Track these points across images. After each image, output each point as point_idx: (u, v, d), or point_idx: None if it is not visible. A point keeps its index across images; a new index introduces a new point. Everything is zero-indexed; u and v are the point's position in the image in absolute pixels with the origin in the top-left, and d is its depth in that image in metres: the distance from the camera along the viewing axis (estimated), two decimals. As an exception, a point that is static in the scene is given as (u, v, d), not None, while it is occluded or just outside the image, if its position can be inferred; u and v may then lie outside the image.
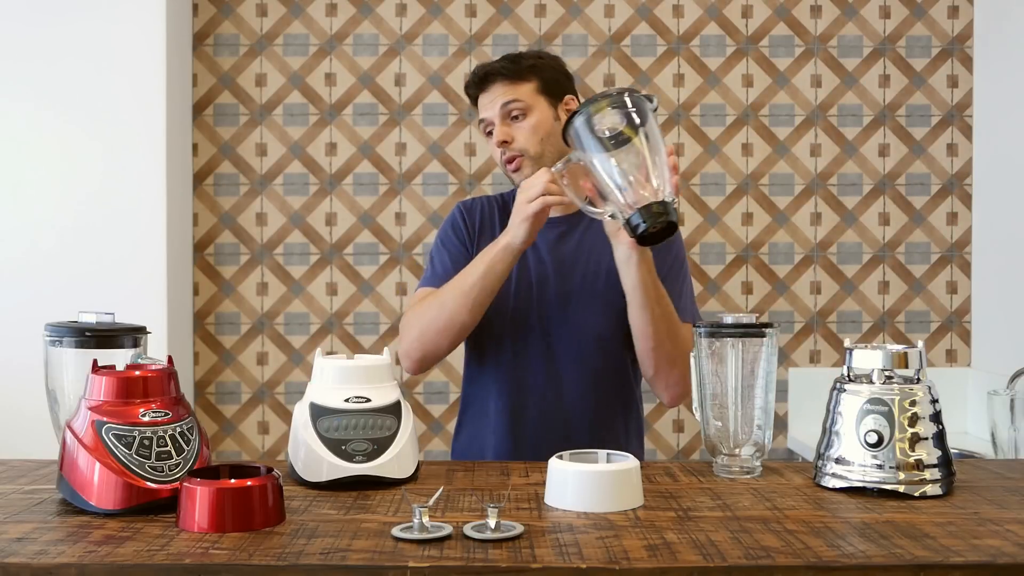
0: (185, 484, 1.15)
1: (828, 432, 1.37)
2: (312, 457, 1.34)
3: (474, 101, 1.86)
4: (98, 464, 1.19)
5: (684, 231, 2.90)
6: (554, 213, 1.79)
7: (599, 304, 1.79)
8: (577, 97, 1.85)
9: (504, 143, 1.77)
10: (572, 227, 1.84)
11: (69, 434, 1.23)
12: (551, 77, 1.81)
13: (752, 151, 2.92)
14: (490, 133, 1.81)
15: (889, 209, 2.94)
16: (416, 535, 1.09)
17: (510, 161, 1.78)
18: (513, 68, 1.78)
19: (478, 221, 1.87)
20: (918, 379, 1.34)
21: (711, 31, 2.92)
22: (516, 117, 1.77)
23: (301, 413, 1.39)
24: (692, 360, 1.47)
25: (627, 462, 1.28)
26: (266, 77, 2.89)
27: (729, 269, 2.92)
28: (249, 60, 2.89)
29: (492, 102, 1.78)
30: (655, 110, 1.50)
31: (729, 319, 1.44)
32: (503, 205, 1.88)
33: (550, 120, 1.79)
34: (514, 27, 2.90)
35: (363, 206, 2.89)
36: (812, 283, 2.93)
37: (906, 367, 1.34)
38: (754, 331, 1.42)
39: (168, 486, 1.20)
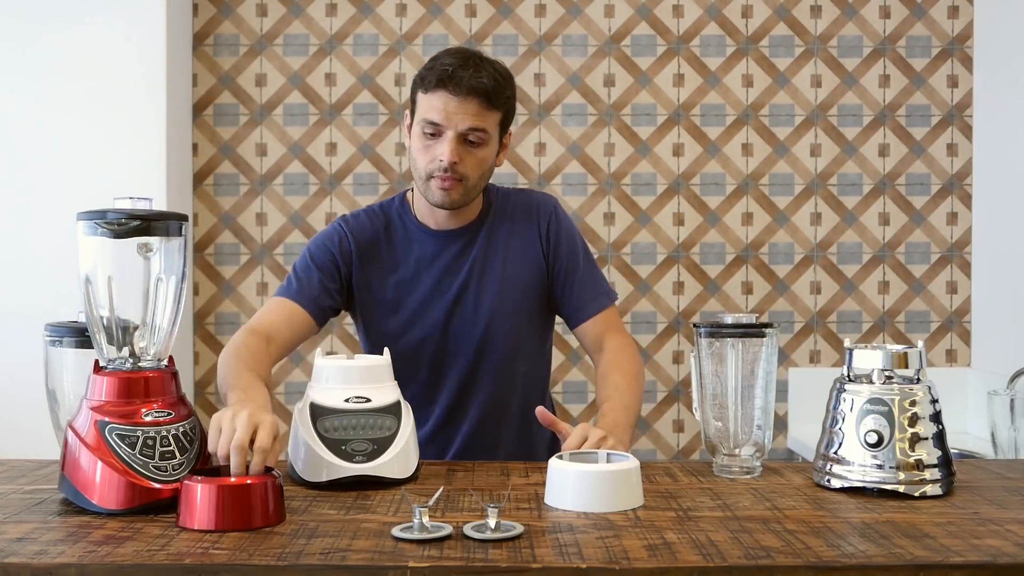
0: (185, 482, 1.15)
1: (828, 432, 1.37)
2: (312, 457, 1.35)
3: (424, 88, 1.66)
4: (101, 464, 1.19)
5: (684, 231, 2.90)
6: (453, 225, 1.77)
7: (516, 317, 1.79)
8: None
9: (455, 164, 1.64)
10: (473, 236, 1.79)
11: (71, 434, 1.23)
12: (512, 111, 1.74)
13: (752, 151, 2.92)
14: (430, 135, 1.66)
15: (889, 209, 2.94)
16: (416, 535, 1.09)
17: (447, 179, 1.66)
18: (495, 93, 1.65)
19: (366, 242, 1.78)
20: (918, 379, 1.34)
21: (711, 31, 2.92)
22: (473, 143, 1.66)
23: (301, 413, 1.39)
24: (692, 360, 1.47)
25: (627, 462, 1.28)
26: (266, 77, 2.89)
27: (729, 269, 2.92)
28: (249, 60, 2.89)
29: (459, 118, 1.63)
30: None
31: (729, 319, 1.44)
32: (387, 223, 1.80)
33: (494, 154, 1.72)
34: (514, 27, 2.90)
35: (363, 206, 2.89)
36: (812, 283, 2.93)
37: (906, 367, 1.35)
38: (754, 331, 1.42)
39: (171, 486, 1.20)
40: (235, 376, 1.50)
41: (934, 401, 1.33)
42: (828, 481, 1.35)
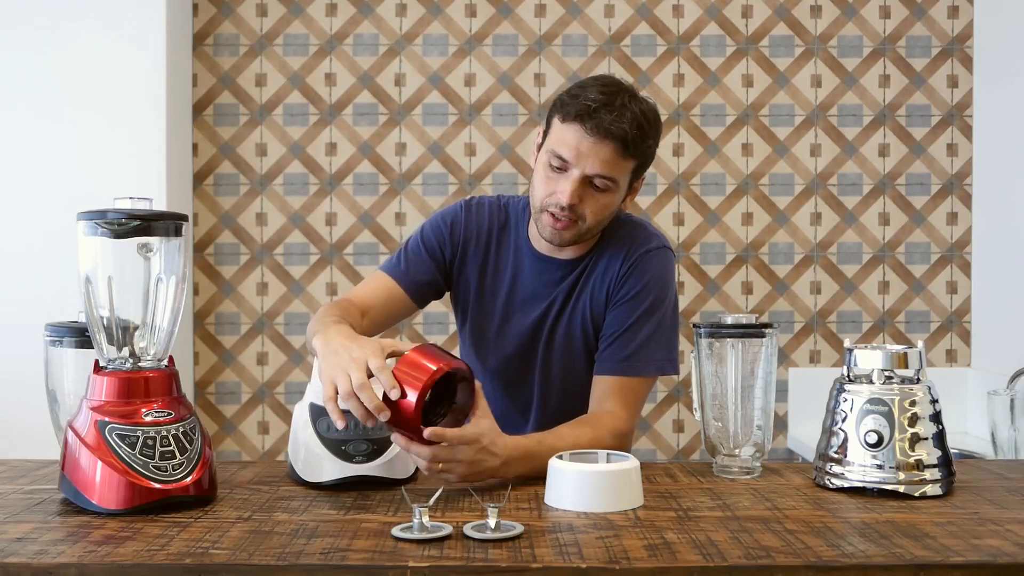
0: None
1: (828, 432, 1.37)
2: (312, 457, 1.35)
3: (562, 115, 1.56)
4: (101, 464, 1.19)
5: (684, 231, 2.90)
6: (557, 255, 1.70)
7: (577, 353, 1.72)
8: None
9: (573, 206, 1.55)
10: (570, 272, 1.71)
11: (71, 434, 1.23)
12: (650, 157, 1.62)
13: (752, 151, 2.92)
14: (556, 168, 1.56)
15: (889, 209, 2.94)
16: (416, 535, 1.09)
17: (561, 218, 1.57)
18: (634, 142, 1.53)
19: (478, 234, 1.73)
20: (918, 379, 1.34)
21: (711, 31, 2.92)
22: (598, 187, 1.56)
23: (301, 413, 1.39)
24: (692, 360, 1.47)
25: (627, 462, 1.28)
26: (266, 77, 2.89)
27: (729, 269, 2.92)
28: (249, 60, 2.89)
29: (589, 161, 1.53)
30: None
31: (729, 319, 1.44)
32: (504, 223, 1.75)
33: (620, 200, 1.62)
34: (514, 27, 2.90)
35: (363, 206, 2.89)
36: (812, 283, 2.93)
37: (906, 367, 1.35)
38: (754, 331, 1.42)
39: (171, 486, 1.20)
40: (321, 323, 1.46)
41: (934, 401, 1.33)
42: (828, 481, 1.35)
